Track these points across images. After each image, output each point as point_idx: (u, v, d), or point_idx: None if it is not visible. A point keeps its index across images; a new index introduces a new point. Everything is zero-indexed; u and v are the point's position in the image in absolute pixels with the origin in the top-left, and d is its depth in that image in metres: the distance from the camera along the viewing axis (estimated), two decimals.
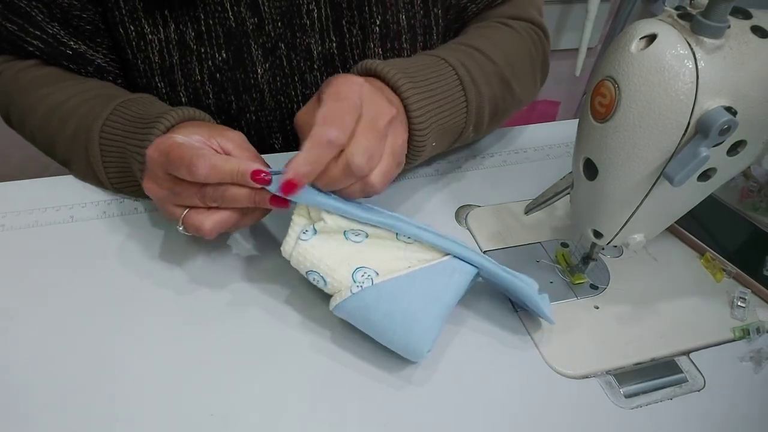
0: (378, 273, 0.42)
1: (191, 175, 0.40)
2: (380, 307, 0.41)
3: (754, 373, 0.45)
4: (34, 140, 0.58)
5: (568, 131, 0.69)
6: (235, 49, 0.56)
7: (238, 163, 0.40)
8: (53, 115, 0.54)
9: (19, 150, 1.24)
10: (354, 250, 0.43)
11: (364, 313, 0.42)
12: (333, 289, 0.43)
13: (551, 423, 0.41)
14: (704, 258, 0.54)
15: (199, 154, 0.40)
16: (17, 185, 0.56)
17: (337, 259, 0.42)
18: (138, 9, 0.53)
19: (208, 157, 0.40)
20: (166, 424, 0.39)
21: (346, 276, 0.42)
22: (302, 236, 0.43)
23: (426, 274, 0.43)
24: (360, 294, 0.41)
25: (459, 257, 0.44)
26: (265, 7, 0.55)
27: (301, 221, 0.43)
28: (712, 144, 0.35)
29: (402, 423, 0.40)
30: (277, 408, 0.40)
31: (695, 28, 0.35)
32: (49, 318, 0.44)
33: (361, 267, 0.42)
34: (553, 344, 0.46)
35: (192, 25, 0.54)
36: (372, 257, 0.43)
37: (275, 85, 0.60)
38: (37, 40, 0.54)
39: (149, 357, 0.43)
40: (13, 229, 0.51)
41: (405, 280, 0.42)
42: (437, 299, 0.42)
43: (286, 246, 0.43)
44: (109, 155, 0.50)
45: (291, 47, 0.58)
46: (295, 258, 0.43)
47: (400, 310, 0.41)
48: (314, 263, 0.42)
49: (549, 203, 0.51)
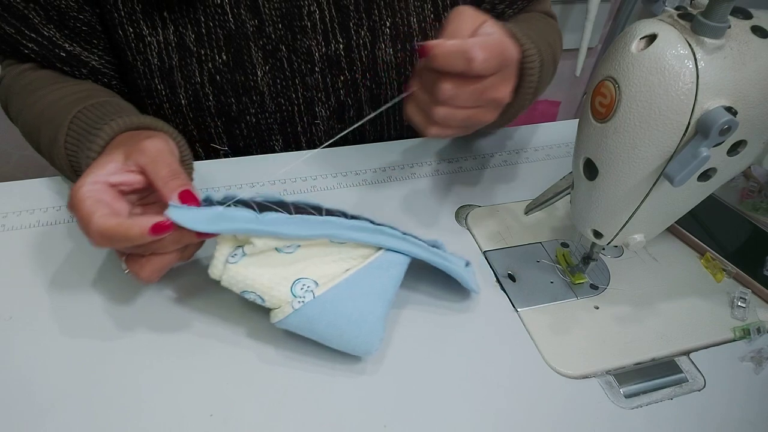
0: (317, 283, 0.41)
1: (92, 244, 0.38)
2: (324, 317, 0.40)
3: (755, 373, 0.45)
4: (28, 141, 0.58)
5: (568, 131, 0.69)
6: (235, 51, 0.56)
7: (129, 226, 0.37)
8: (37, 121, 0.53)
9: (19, 150, 1.24)
10: (288, 262, 0.41)
11: (308, 325, 0.41)
12: (273, 305, 0.41)
13: (551, 423, 0.41)
14: (704, 258, 0.54)
15: (89, 224, 0.38)
16: (17, 185, 0.56)
17: (272, 276, 0.40)
18: (137, 11, 0.53)
19: (98, 223, 0.37)
20: (166, 424, 0.39)
21: (284, 291, 0.40)
22: (231, 259, 0.40)
23: (365, 275, 0.42)
24: (302, 309, 0.40)
25: (392, 249, 0.44)
26: (265, 9, 0.55)
27: (227, 244, 0.41)
28: (712, 144, 0.35)
29: (402, 423, 0.40)
30: (278, 408, 0.40)
31: (695, 28, 0.35)
32: (48, 318, 0.44)
33: (299, 279, 0.41)
34: (553, 344, 0.46)
35: (192, 27, 0.54)
36: (308, 266, 0.42)
37: (276, 88, 0.59)
38: (32, 43, 0.54)
39: (149, 357, 0.42)
40: (14, 229, 0.51)
41: (345, 286, 0.41)
42: (379, 298, 0.42)
43: (214, 270, 0.41)
44: (76, 166, 0.49)
45: (292, 49, 0.58)
46: (226, 280, 0.41)
47: (344, 316, 0.41)
48: (248, 284, 0.40)
49: (549, 203, 0.51)
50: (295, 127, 0.63)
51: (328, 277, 0.42)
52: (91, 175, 0.40)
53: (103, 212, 0.38)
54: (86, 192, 0.39)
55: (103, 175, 0.40)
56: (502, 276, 0.51)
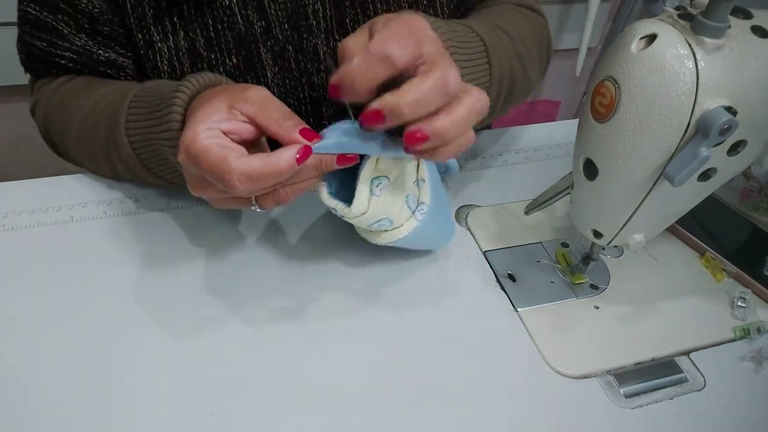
0: (417, 193, 0.45)
1: (231, 192, 0.36)
2: (434, 221, 0.46)
3: (755, 373, 0.45)
4: (79, 160, 0.56)
5: (568, 131, 0.69)
6: (245, 54, 0.56)
7: (276, 161, 0.35)
8: (86, 123, 0.52)
9: (19, 150, 1.24)
10: (397, 182, 0.43)
11: (424, 232, 0.45)
12: (398, 224, 0.44)
13: (551, 423, 0.41)
14: (704, 258, 0.54)
15: (228, 169, 0.35)
16: (17, 185, 0.56)
17: (397, 198, 0.43)
18: (147, 16, 0.53)
19: (240, 167, 0.35)
20: (167, 423, 0.39)
21: (405, 209, 0.43)
22: (375, 191, 0.41)
23: (433, 176, 0.47)
24: (424, 219, 0.44)
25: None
26: (271, 9, 0.55)
27: (367, 179, 0.41)
28: (712, 144, 0.35)
29: (402, 423, 0.40)
30: (278, 408, 0.40)
31: (695, 28, 0.35)
32: (49, 318, 0.44)
33: (407, 195, 0.44)
34: (553, 344, 0.46)
35: (201, 32, 0.54)
36: (402, 181, 0.44)
37: (284, 89, 0.59)
38: (68, 52, 0.54)
39: (149, 357, 0.43)
40: (14, 229, 0.51)
41: (433, 189, 0.46)
42: (443, 192, 0.50)
43: (360, 206, 0.40)
44: (142, 151, 0.48)
45: (299, 49, 0.57)
46: (368, 215, 0.41)
47: (443, 215, 0.49)
48: (387, 211, 0.42)
49: (549, 203, 0.51)
50: None
51: (415, 188, 0.45)
52: (201, 123, 0.37)
53: (237, 154, 0.36)
54: (206, 138, 0.36)
55: (214, 122, 0.38)
56: (502, 276, 0.51)
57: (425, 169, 0.46)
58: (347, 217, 0.41)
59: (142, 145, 0.48)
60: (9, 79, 1.14)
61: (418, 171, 0.46)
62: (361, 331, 0.45)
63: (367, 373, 0.43)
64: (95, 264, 0.49)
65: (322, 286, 0.48)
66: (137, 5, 0.52)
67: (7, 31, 0.93)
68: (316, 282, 0.49)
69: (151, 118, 0.46)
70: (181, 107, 0.43)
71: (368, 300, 0.48)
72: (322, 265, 0.50)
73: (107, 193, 0.55)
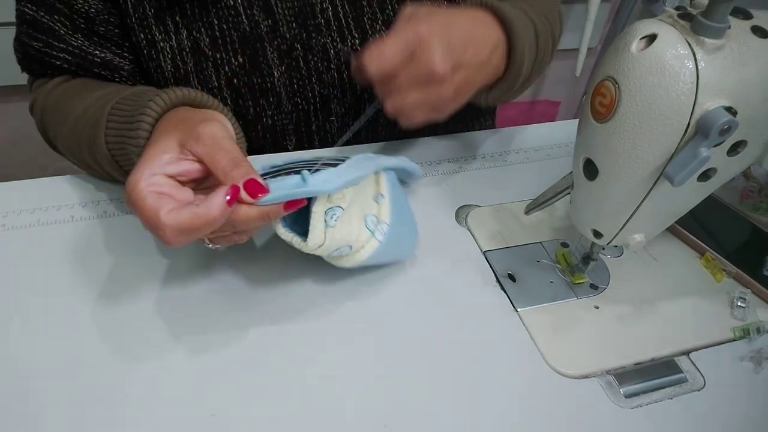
0: (376, 212, 0.45)
1: (168, 246, 0.36)
2: (395, 237, 0.46)
3: (754, 373, 0.45)
4: (73, 161, 0.56)
5: (568, 131, 0.69)
6: (251, 53, 0.56)
7: (206, 210, 0.35)
8: (74, 128, 0.52)
9: (19, 150, 1.24)
10: (355, 206, 0.44)
11: (387, 249, 0.45)
12: (357, 248, 0.44)
13: (551, 423, 0.41)
14: (704, 258, 0.54)
15: (159, 225, 0.35)
16: (18, 185, 0.56)
17: (354, 223, 0.43)
18: (148, 16, 0.52)
19: (170, 221, 0.35)
20: (167, 423, 0.39)
21: (364, 231, 0.44)
22: (330, 223, 0.41)
23: (393, 191, 0.48)
24: (385, 238, 0.45)
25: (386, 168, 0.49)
26: (278, 8, 0.55)
27: (320, 211, 0.41)
28: (712, 144, 0.35)
29: (402, 423, 0.40)
30: (278, 408, 0.40)
31: (695, 28, 0.35)
32: (49, 317, 0.44)
33: (365, 215, 0.45)
34: (553, 344, 0.46)
35: (206, 31, 0.54)
36: (360, 202, 0.45)
37: (292, 88, 0.59)
38: (63, 53, 0.54)
39: (149, 357, 0.43)
40: (14, 228, 0.51)
41: (394, 205, 0.47)
42: (407, 204, 0.51)
43: (316, 240, 0.41)
44: (120, 159, 0.48)
45: (307, 48, 0.57)
46: (326, 246, 0.41)
47: (407, 226, 0.49)
48: (345, 240, 0.42)
49: (549, 203, 0.51)
50: (310, 126, 0.62)
51: (374, 204, 0.46)
52: (147, 167, 0.37)
53: (170, 207, 0.35)
54: (145, 187, 0.36)
55: (159, 166, 0.37)
56: (502, 276, 0.51)
57: (385, 183, 0.48)
58: (305, 250, 0.42)
59: (120, 155, 0.47)
60: (9, 79, 1.14)
61: (378, 186, 0.47)
62: (360, 331, 0.45)
63: (367, 373, 0.43)
64: (96, 263, 0.49)
65: (321, 286, 0.48)
66: (138, 5, 0.52)
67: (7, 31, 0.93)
68: (316, 282, 0.49)
69: (124, 129, 0.45)
70: (146, 129, 0.43)
71: (368, 300, 0.48)
72: (322, 266, 0.50)
73: (108, 192, 0.55)
